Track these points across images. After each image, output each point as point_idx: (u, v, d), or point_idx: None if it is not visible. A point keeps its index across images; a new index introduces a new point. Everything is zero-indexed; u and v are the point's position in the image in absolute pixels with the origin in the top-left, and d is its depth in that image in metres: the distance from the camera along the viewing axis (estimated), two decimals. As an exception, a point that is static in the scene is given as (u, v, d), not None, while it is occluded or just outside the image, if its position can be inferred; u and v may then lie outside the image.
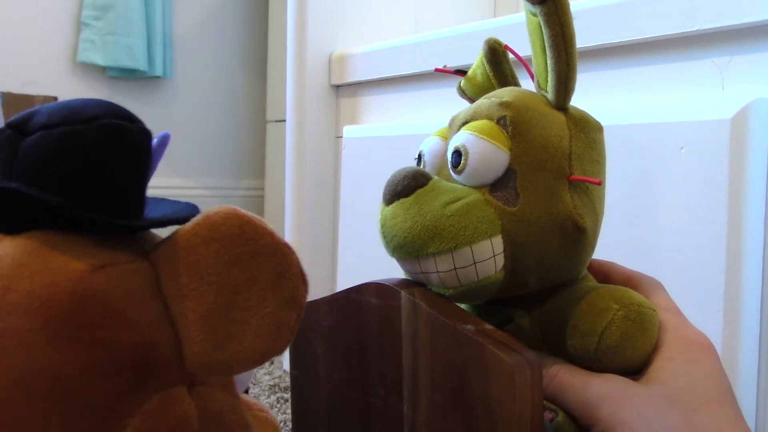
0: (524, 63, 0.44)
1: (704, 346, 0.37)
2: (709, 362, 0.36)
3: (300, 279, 0.27)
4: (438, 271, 0.37)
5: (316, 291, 1.03)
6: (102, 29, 1.93)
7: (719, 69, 0.56)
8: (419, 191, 0.38)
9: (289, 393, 0.49)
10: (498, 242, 0.37)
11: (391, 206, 0.39)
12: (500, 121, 0.38)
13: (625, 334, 0.36)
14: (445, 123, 0.44)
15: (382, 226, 0.39)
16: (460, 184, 0.39)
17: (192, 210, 0.32)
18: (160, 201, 0.35)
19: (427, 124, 0.83)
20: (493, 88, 0.45)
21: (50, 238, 0.26)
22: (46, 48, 1.90)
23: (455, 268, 0.37)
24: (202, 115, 2.20)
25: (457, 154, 0.39)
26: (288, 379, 0.83)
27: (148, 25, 2.01)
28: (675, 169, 0.55)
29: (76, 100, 0.30)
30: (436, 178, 0.39)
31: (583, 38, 0.63)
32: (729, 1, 0.54)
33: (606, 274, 0.43)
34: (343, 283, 0.96)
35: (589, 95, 0.65)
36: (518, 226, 0.37)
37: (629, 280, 0.42)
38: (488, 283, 0.37)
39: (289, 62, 1.03)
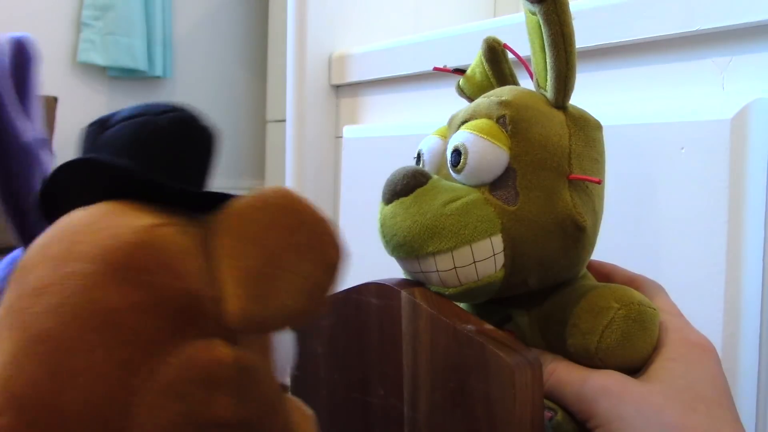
0: (523, 62, 0.44)
1: (705, 348, 0.37)
2: (710, 364, 0.36)
3: (338, 249, 0.29)
4: (438, 270, 0.37)
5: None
6: (102, 29, 1.93)
7: (719, 69, 0.56)
8: (419, 190, 0.38)
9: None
10: (498, 241, 0.37)
11: (390, 205, 0.39)
12: (500, 120, 0.38)
13: (626, 333, 0.36)
14: (446, 123, 0.44)
15: (382, 225, 0.39)
16: (460, 183, 0.39)
17: None
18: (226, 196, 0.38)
19: (427, 124, 0.82)
20: (491, 87, 0.45)
21: (119, 205, 0.30)
22: (46, 48, 1.89)
23: (455, 267, 0.37)
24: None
25: (457, 153, 0.39)
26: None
27: (148, 25, 2.01)
28: (675, 169, 0.55)
29: (158, 103, 0.35)
30: (435, 177, 0.39)
31: (583, 38, 0.63)
32: (729, 1, 0.54)
33: (607, 276, 0.43)
34: (343, 283, 0.96)
35: (589, 95, 0.64)
36: (518, 225, 0.37)
37: (631, 283, 0.42)
38: (488, 282, 0.37)
39: (289, 62, 1.03)
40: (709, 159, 0.52)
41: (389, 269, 0.42)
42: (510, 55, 0.46)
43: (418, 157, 0.43)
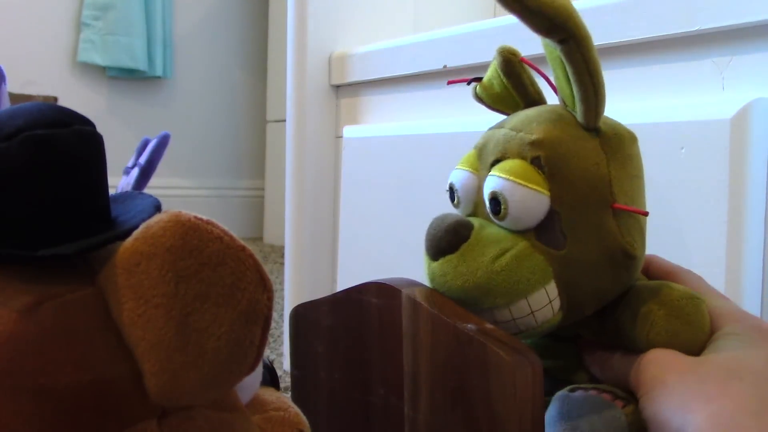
0: (544, 76, 0.43)
1: (760, 328, 0.36)
2: (764, 343, 0.35)
3: (258, 287, 0.23)
4: (496, 322, 0.37)
5: (316, 291, 1.03)
6: (102, 29, 1.93)
7: (719, 69, 0.56)
8: (464, 246, 0.37)
9: (289, 393, 0.49)
10: (552, 288, 0.37)
11: (437, 263, 0.38)
12: (534, 162, 0.37)
13: (671, 332, 0.36)
14: (445, 123, 0.43)
15: (432, 281, 0.39)
16: (503, 228, 0.38)
17: (152, 212, 0.28)
18: (135, 196, 0.33)
19: (427, 125, 0.82)
20: (511, 98, 0.43)
21: None
22: (46, 48, 1.90)
23: (514, 319, 0.37)
24: (202, 115, 2.20)
25: (495, 201, 0.37)
26: (288, 379, 0.83)
27: (148, 25, 2.01)
28: (675, 169, 0.55)
29: (6, 111, 0.27)
30: (477, 225, 0.38)
31: (583, 38, 0.63)
32: (729, 1, 0.54)
33: (646, 267, 0.43)
34: (343, 283, 0.96)
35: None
36: (569, 268, 0.37)
37: (669, 274, 0.42)
38: (548, 325, 0.37)
39: (289, 62, 1.03)
40: (709, 159, 0.52)
41: (389, 269, 0.42)
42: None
43: (451, 191, 0.42)
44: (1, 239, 0.25)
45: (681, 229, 0.54)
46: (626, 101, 0.63)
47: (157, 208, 0.29)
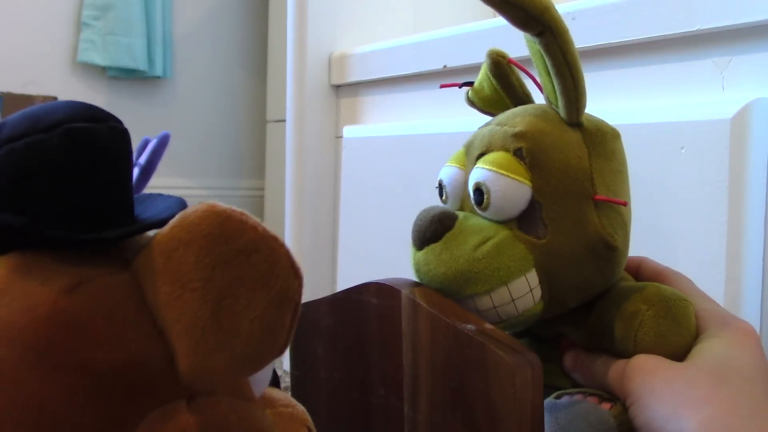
0: (531, 76, 0.43)
1: (746, 331, 0.37)
2: (751, 347, 0.36)
3: (290, 274, 0.24)
4: (478, 310, 0.38)
5: (316, 291, 1.03)
6: (102, 29, 1.93)
7: (719, 69, 0.56)
8: (448, 235, 0.38)
9: (289, 393, 0.49)
10: (533, 276, 0.37)
11: (422, 252, 0.39)
12: (517, 153, 0.38)
13: (659, 332, 0.36)
14: (445, 123, 0.44)
15: (417, 271, 0.40)
16: (486, 218, 0.39)
17: (179, 208, 0.30)
18: (155, 197, 0.34)
19: (427, 125, 0.83)
20: (502, 100, 0.44)
21: (26, 260, 0.25)
22: (46, 48, 1.90)
23: (494, 307, 0.37)
24: (202, 115, 2.20)
25: (479, 191, 0.38)
26: (288, 379, 0.83)
27: (148, 25, 2.01)
28: (675, 169, 0.55)
29: (42, 106, 0.29)
30: (461, 216, 0.39)
31: (583, 38, 0.63)
32: (729, 1, 0.54)
33: (636, 269, 0.44)
34: (343, 283, 0.96)
35: (589, 96, 0.64)
36: (550, 257, 0.37)
37: (658, 276, 0.42)
38: (529, 315, 0.38)
39: (289, 62, 1.03)
40: (709, 159, 0.52)
41: (389, 269, 0.42)
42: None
43: (440, 187, 0.43)
44: (37, 225, 0.26)
45: (681, 229, 0.54)
46: (626, 101, 0.63)
47: (184, 205, 0.31)
